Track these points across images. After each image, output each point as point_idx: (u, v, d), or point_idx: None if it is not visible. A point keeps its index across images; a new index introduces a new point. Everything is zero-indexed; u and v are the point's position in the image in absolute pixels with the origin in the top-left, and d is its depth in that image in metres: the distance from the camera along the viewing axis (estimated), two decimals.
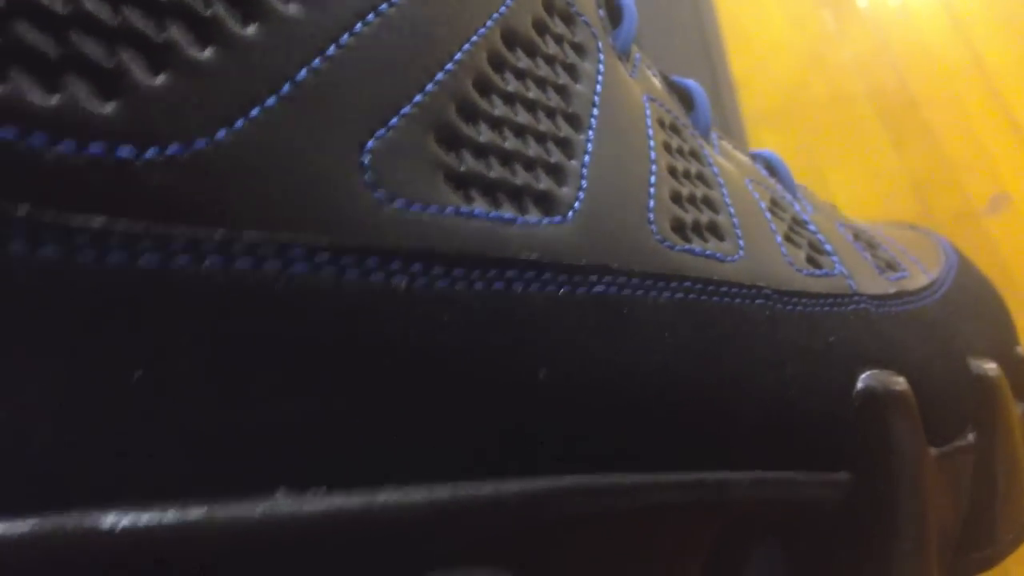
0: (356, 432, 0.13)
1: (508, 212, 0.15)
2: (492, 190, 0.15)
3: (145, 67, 0.12)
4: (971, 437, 0.22)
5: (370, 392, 0.14)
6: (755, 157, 0.25)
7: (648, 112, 0.20)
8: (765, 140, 0.34)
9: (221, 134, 0.13)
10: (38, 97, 0.12)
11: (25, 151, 0.11)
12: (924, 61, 0.44)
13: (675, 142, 0.20)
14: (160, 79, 0.12)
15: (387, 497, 0.13)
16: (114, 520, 0.12)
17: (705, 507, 0.17)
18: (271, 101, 0.13)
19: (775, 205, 0.22)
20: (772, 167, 0.25)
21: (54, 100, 0.12)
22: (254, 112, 0.13)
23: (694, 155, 0.21)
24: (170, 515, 0.12)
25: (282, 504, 0.13)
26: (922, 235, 0.31)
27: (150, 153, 0.12)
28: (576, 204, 0.16)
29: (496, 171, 0.16)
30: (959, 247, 0.28)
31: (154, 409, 0.12)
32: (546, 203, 0.16)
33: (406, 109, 0.14)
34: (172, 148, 0.12)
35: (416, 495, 0.14)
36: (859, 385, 0.20)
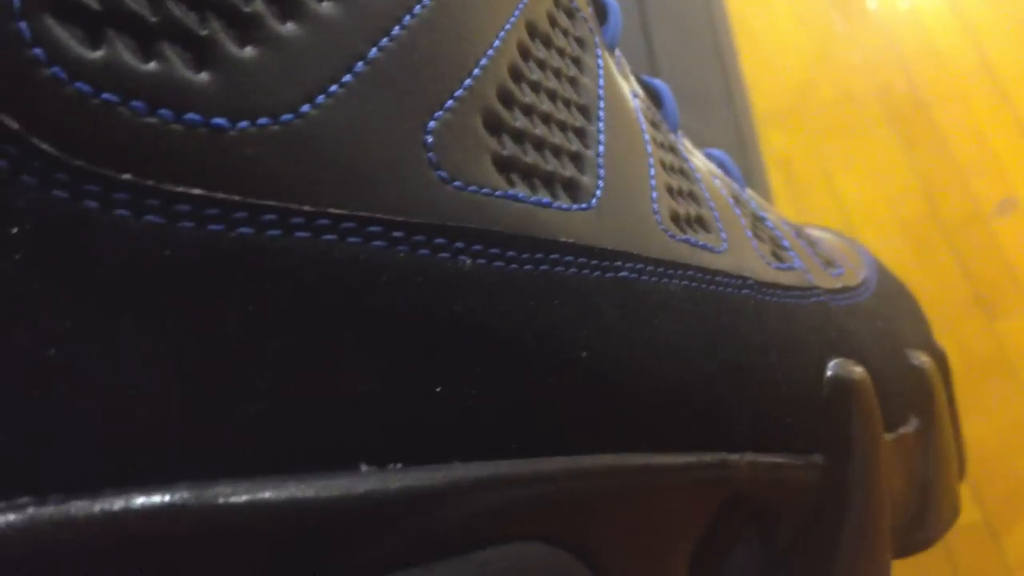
0: (430, 408, 0.14)
1: (544, 197, 0.16)
2: (529, 174, 0.16)
3: (234, 38, 0.12)
4: (914, 424, 0.24)
5: (442, 369, 0.14)
6: (708, 156, 0.26)
7: (637, 106, 0.20)
8: (773, 140, 0.36)
9: (305, 108, 0.13)
10: (136, 63, 0.11)
11: (127, 117, 0.11)
12: (933, 63, 0.45)
13: (659, 137, 0.21)
14: (248, 51, 0.12)
15: (455, 474, 0.14)
16: (177, 495, 0.12)
17: (707, 486, 0.18)
18: (347, 78, 0.13)
19: (738, 201, 0.23)
20: (723, 166, 0.26)
21: (151, 67, 0.12)
22: (333, 88, 0.13)
23: (673, 150, 0.21)
24: (245, 489, 0.12)
25: (366, 480, 0.13)
26: (836, 236, 0.32)
27: (243, 124, 0.12)
28: (597, 192, 0.17)
29: (531, 156, 0.16)
30: (967, 249, 0.30)
31: (240, 379, 0.12)
32: (573, 189, 0.17)
33: (459, 92, 0.15)
34: (262, 120, 0.12)
35: (482, 472, 0.14)
36: (828, 373, 0.21)
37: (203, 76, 0.12)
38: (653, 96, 0.24)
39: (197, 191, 0.12)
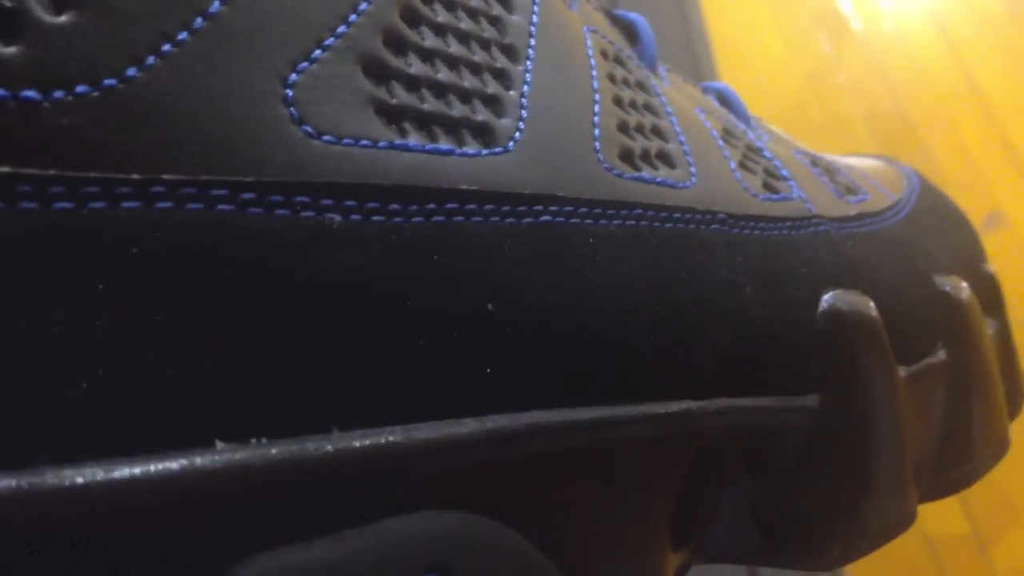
0: (296, 373, 0.13)
1: (445, 144, 0.15)
2: (427, 123, 0.15)
3: (47, 5, 0.12)
4: (942, 355, 0.22)
5: (313, 334, 0.13)
6: (707, 89, 0.25)
7: (589, 43, 0.19)
8: None
9: (131, 72, 0.12)
10: None
11: None
12: (919, 83, 0.45)
13: (620, 73, 0.20)
14: (64, 17, 0.12)
15: (330, 444, 0.13)
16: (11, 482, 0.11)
17: (673, 438, 0.17)
18: (183, 36, 0.13)
19: (728, 134, 0.22)
20: (724, 98, 0.24)
21: None
22: (165, 48, 0.12)
23: (640, 86, 0.20)
24: (88, 472, 0.11)
25: (221, 456, 0.12)
26: (884, 163, 0.30)
27: (57, 94, 0.12)
28: (517, 135, 0.16)
29: (430, 103, 0.15)
30: None
31: (68, 360, 0.12)
32: (485, 135, 0.16)
33: (329, 41, 0.14)
34: (80, 88, 0.12)
35: (363, 439, 0.13)
36: (823, 305, 0.20)
37: (11, 49, 0.11)
38: (629, 31, 0.23)
39: (5, 169, 0.11)
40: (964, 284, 0.23)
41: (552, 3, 0.19)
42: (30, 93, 0.11)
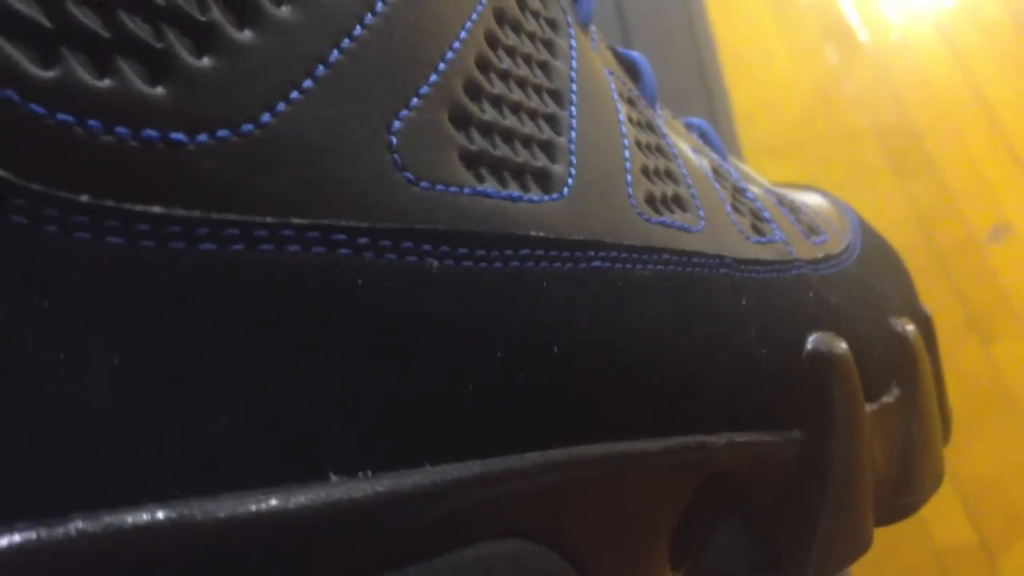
0: (398, 412, 0.14)
1: (514, 190, 0.16)
2: (499, 168, 0.16)
3: (191, 48, 0.12)
4: (896, 392, 0.24)
5: (410, 372, 0.14)
6: (689, 126, 0.26)
7: (612, 86, 0.20)
8: (770, 173, 0.36)
9: (265, 118, 0.13)
10: (91, 80, 0.11)
11: (83, 137, 0.11)
12: (926, 94, 0.47)
13: (635, 115, 0.21)
14: (205, 61, 0.12)
15: (425, 477, 0.14)
16: (156, 514, 0.12)
17: (683, 468, 0.18)
18: (308, 83, 0.13)
19: (718, 174, 0.23)
20: (704, 136, 0.26)
21: (106, 83, 0.11)
22: (293, 95, 0.13)
23: (650, 127, 0.21)
24: (223, 505, 0.12)
25: (336, 489, 0.13)
26: (824, 198, 0.32)
27: (201, 138, 0.12)
28: (569, 180, 0.17)
29: (500, 149, 0.16)
30: (961, 275, 0.30)
31: (212, 395, 0.12)
32: (544, 180, 0.16)
33: (424, 89, 0.15)
34: (221, 132, 0.12)
35: (452, 473, 0.14)
36: (808, 347, 0.21)
37: (160, 90, 0.12)
38: (630, 69, 0.24)
39: (157, 209, 0.12)
40: (911, 326, 0.25)
41: (584, 47, 0.20)
42: (178, 136, 0.12)
